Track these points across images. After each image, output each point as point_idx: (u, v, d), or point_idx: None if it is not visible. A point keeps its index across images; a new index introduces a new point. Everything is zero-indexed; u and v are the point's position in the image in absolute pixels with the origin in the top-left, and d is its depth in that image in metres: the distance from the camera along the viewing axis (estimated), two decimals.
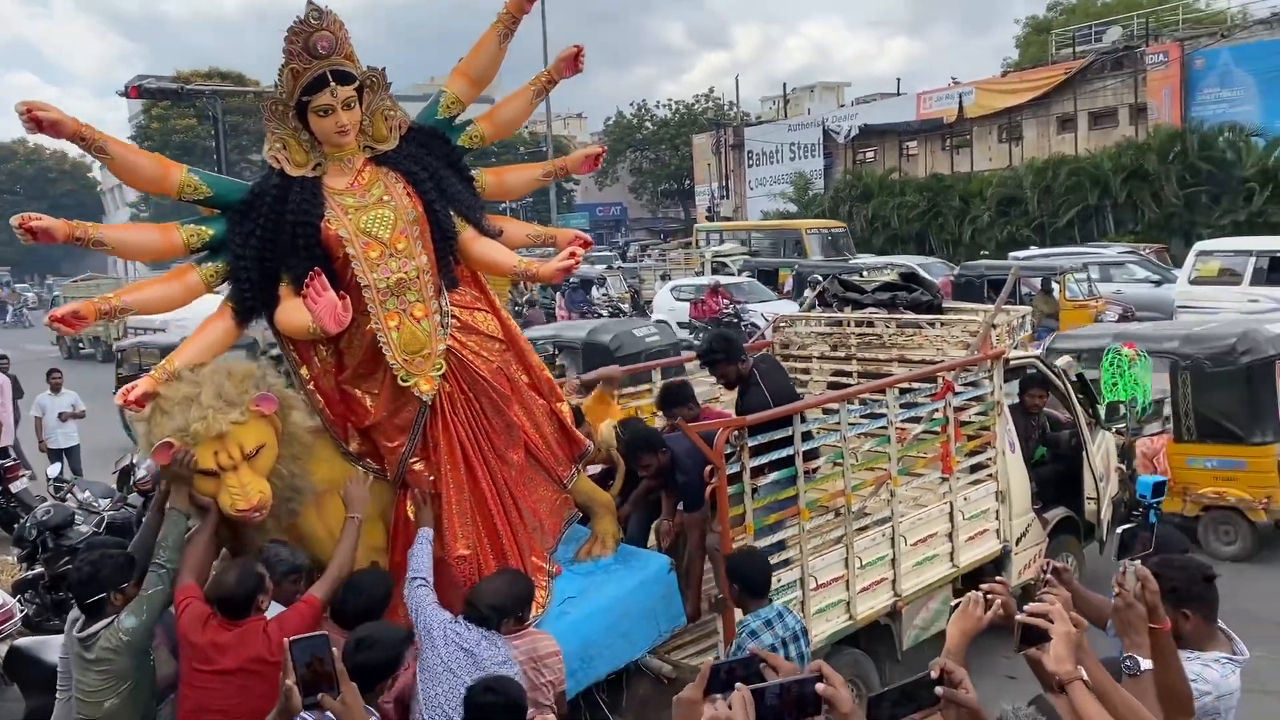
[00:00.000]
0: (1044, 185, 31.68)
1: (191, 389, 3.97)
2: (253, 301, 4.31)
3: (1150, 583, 2.86)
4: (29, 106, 3.74)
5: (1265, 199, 27.14)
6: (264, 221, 4.22)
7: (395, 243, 4.28)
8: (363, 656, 3.42)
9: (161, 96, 27.77)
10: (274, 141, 4.29)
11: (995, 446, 6.56)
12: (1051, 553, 7.17)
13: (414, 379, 4.29)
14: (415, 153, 4.48)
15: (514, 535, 4.55)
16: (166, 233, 4.23)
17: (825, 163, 42.50)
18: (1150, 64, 31.58)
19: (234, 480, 3.91)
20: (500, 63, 4.68)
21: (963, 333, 6.98)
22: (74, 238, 3.90)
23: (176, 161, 4.33)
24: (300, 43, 4.03)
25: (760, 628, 4.25)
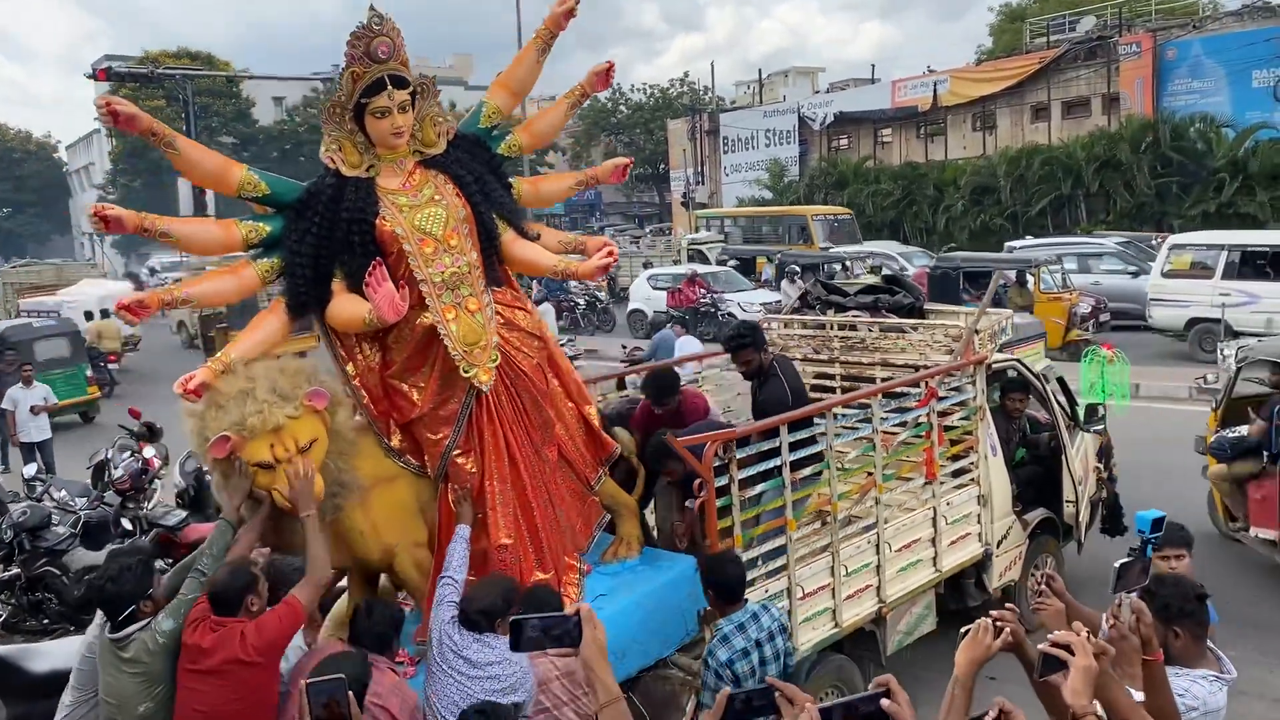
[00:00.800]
0: (1017, 174, 31.82)
1: (246, 384, 4.04)
2: (306, 297, 4.42)
3: (1144, 615, 2.90)
4: (108, 100, 3.86)
5: (1235, 190, 27.40)
6: (319, 219, 4.36)
7: (448, 239, 4.44)
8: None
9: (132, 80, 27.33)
10: (330, 143, 4.44)
11: (978, 451, 6.63)
12: (1031, 554, 7.27)
13: (474, 370, 4.44)
14: (461, 158, 4.65)
15: (550, 529, 4.68)
16: (227, 228, 4.35)
17: (800, 149, 42.47)
18: (1123, 54, 31.77)
19: (290, 473, 4.00)
20: (538, 75, 4.90)
21: (945, 336, 7.03)
22: (142, 228, 4.03)
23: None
24: (362, 47, 4.18)
25: (732, 632, 4.28)
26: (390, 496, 4.54)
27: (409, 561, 4.55)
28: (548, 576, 4.64)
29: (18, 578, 7.99)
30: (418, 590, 4.58)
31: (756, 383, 6.03)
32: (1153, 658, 2.92)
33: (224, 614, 3.72)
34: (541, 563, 4.66)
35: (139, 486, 8.67)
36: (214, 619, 3.71)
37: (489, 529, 4.54)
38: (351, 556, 4.47)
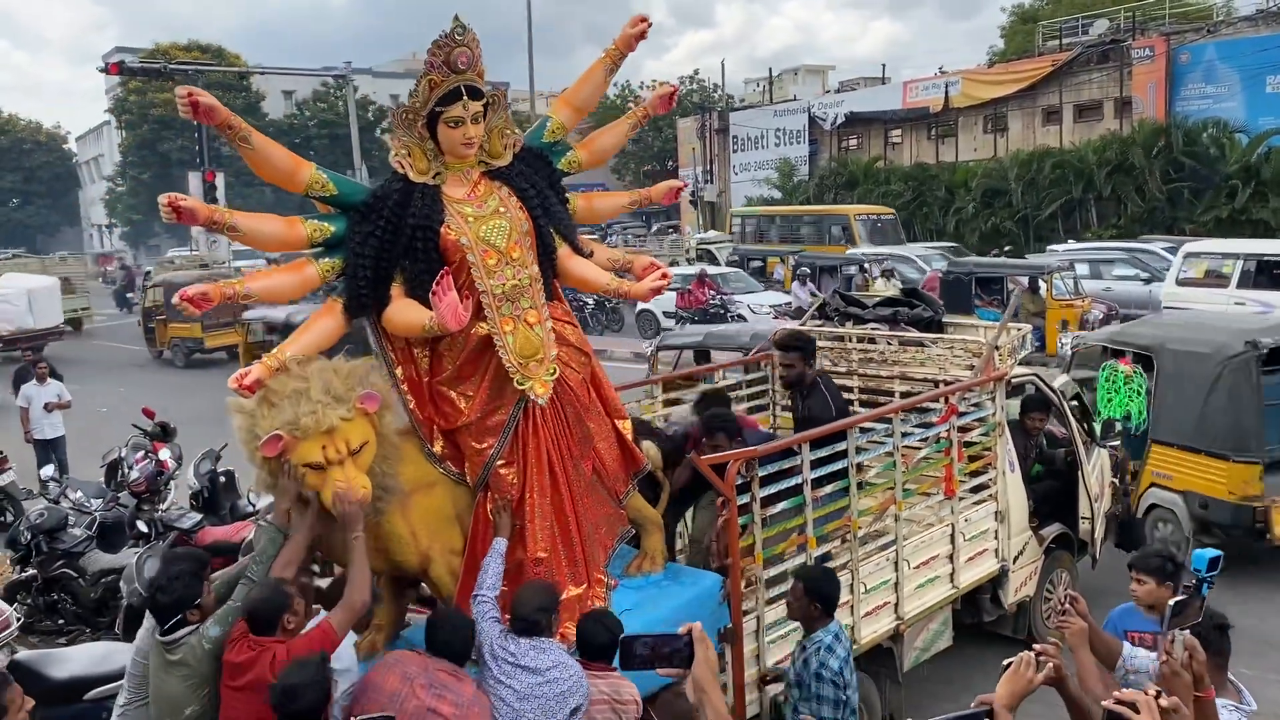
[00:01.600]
0: (1028, 177, 31.73)
1: (300, 383, 4.04)
2: (365, 298, 4.41)
3: (1198, 652, 2.93)
4: (190, 91, 3.86)
5: (1248, 196, 27.32)
6: (384, 223, 4.37)
7: (510, 251, 4.47)
8: (294, 706, 3.41)
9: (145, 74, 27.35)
10: (399, 148, 4.46)
11: (996, 467, 6.62)
12: (1047, 569, 7.27)
13: (529, 382, 4.46)
14: (524, 171, 4.68)
15: (584, 543, 4.72)
16: (292, 225, 4.35)
17: (810, 149, 42.41)
18: (1136, 58, 31.66)
19: (340, 475, 4.00)
20: (603, 93, 5.03)
21: (964, 351, 7.02)
22: (212, 221, 4.04)
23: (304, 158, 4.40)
24: (442, 56, 4.22)
25: (834, 641, 4.33)
26: (429, 502, 4.55)
27: (444, 568, 4.55)
28: (580, 590, 4.67)
29: (34, 579, 8.03)
30: (451, 598, 4.57)
31: (799, 396, 6.14)
32: (1205, 694, 2.94)
33: (261, 633, 3.75)
34: (575, 576, 4.68)
35: (154, 488, 8.69)
36: (252, 638, 3.74)
37: (526, 541, 4.56)
38: (387, 561, 4.47)
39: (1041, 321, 16.77)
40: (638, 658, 2.61)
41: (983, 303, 17.91)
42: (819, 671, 4.28)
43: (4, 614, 6.73)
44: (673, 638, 2.62)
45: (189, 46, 56.05)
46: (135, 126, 58.35)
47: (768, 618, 5.14)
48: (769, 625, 5.15)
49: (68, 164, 79.79)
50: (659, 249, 34.19)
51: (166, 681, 3.83)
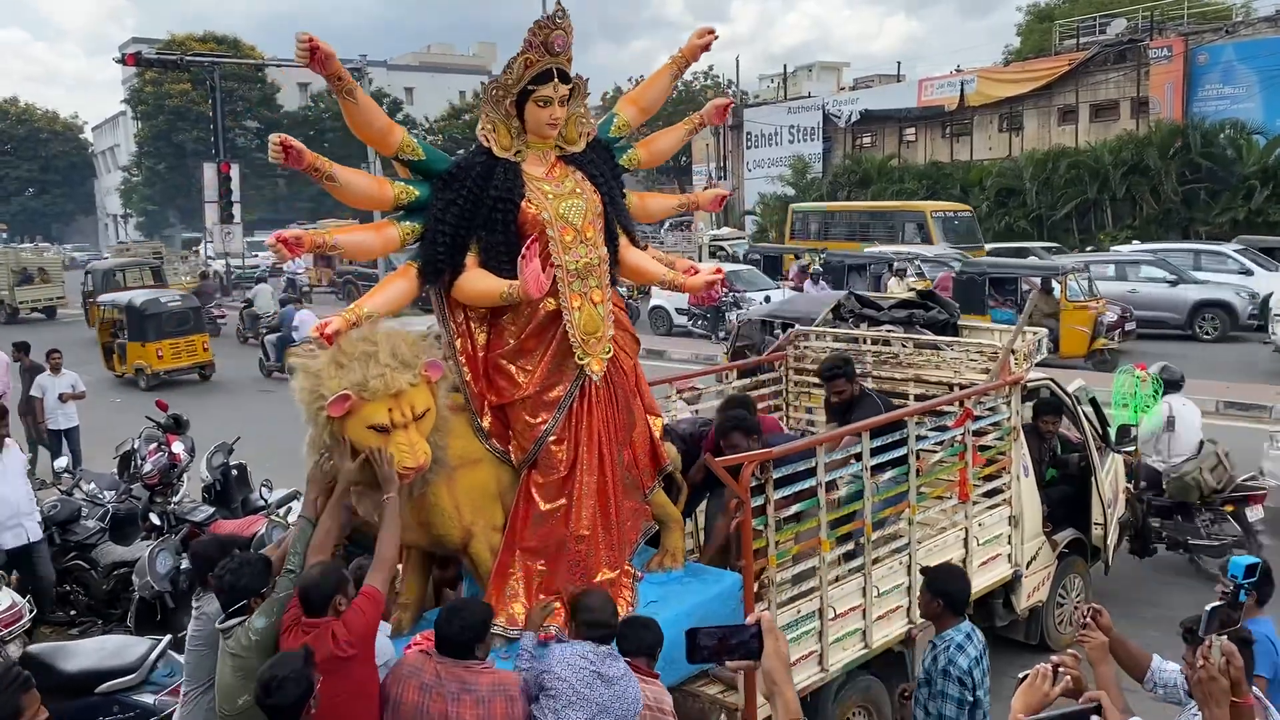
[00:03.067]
0: (1044, 177, 31.58)
1: (369, 346, 4.10)
2: (442, 264, 4.52)
3: (1235, 658, 2.93)
4: (310, 37, 3.95)
5: (1265, 198, 27.17)
6: (466, 193, 4.50)
7: (585, 230, 4.62)
8: (273, 700, 3.43)
9: (161, 66, 27.42)
10: (485, 122, 4.59)
11: (1010, 471, 6.59)
12: (1060, 575, 7.23)
13: (589, 358, 4.61)
14: (595, 159, 4.84)
15: (619, 527, 4.81)
16: (381, 186, 4.49)
17: (824, 146, 42.28)
18: (1153, 58, 31.47)
19: (403, 438, 4.09)
20: (667, 96, 5.25)
21: (979, 354, 6.98)
22: (314, 167, 4.12)
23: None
24: (541, 36, 4.36)
25: (964, 640, 4.32)
26: (474, 478, 4.60)
27: (484, 544, 4.60)
28: (614, 575, 4.75)
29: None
30: (489, 575, 4.63)
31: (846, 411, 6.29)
32: (1243, 700, 2.93)
33: (313, 613, 3.82)
34: (610, 560, 4.76)
35: (167, 481, 8.71)
36: (305, 622, 3.82)
37: (570, 518, 4.63)
38: (429, 535, 4.54)
39: (1055, 324, 16.67)
40: (704, 649, 2.51)
41: (996, 303, 17.84)
42: (946, 669, 4.28)
43: (17, 606, 6.76)
44: (741, 629, 2.52)
45: (205, 38, 56.25)
46: (151, 117, 58.58)
47: (781, 620, 5.11)
48: (782, 628, 5.12)
49: (83, 154, 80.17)
50: (671, 245, 34.02)
51: (223, 670, 3.96)
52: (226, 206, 31.78)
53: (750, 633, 2.49)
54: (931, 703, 4.37)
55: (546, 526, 4.63)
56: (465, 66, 74.16)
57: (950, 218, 28.36)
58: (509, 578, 4.61)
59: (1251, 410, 14.14)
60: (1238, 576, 3.28)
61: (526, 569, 4.63)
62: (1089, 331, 16.77)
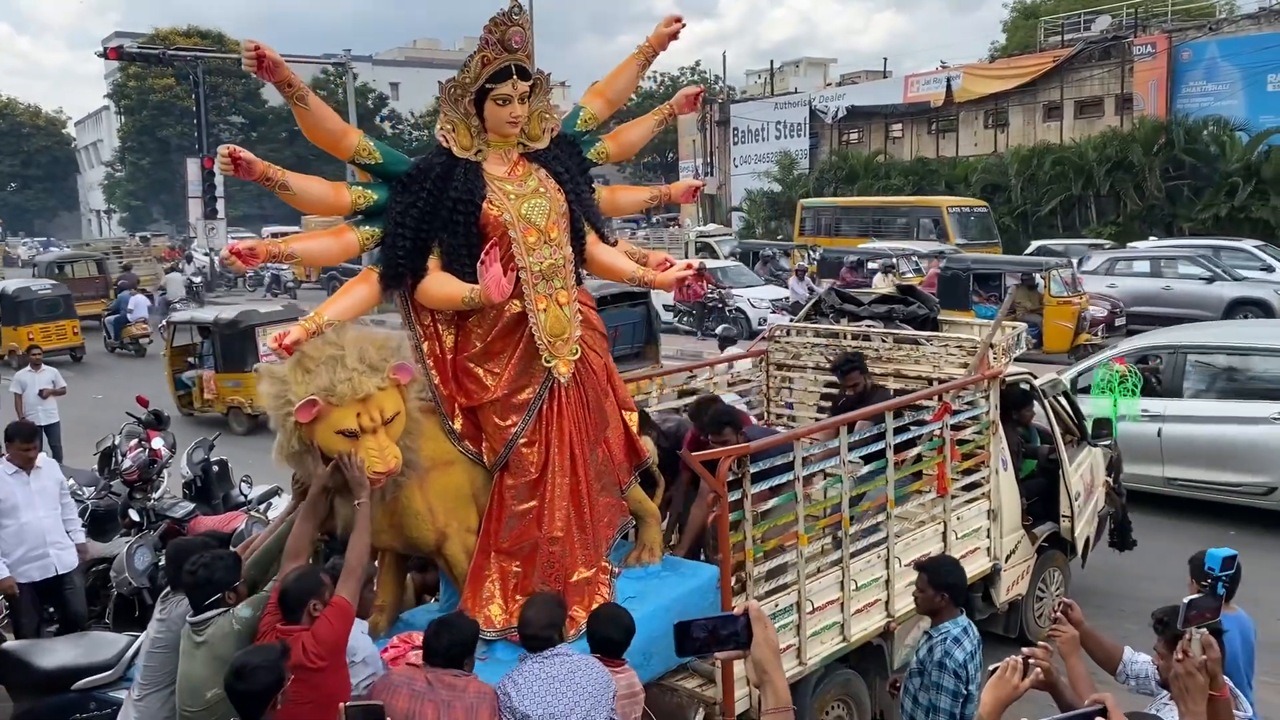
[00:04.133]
0: (1029, 173, 31.65)
1: (335, 350, 4.10)
2: (402, 268, 4.47)
3: (1213, 651, 2.92)
4: (257, 45, 3.96)
5: (1247, 194, 27.31)
6: (426, 195, 4.44)
7: (549, 231, 4.57)
8: (243, 686, 3.42)
9: (143, 60, 27.26)
10: (444, 122, 4.54)
11: (989, 465, 6.61)
12: (1039, 569, 7.26)
13: (555, 360, 4.57)
14: (560, 155, 4.78)
15: (594, 525, 4.77)
16: (338, 191, 4.43)
17: (811, 142, 42.29)
18: (1138, 55, 31.57)
19: (373, 443, 4.08)
20: (635, 88, 5.25)
21: (959, 349, 7.00)
22: (266, 177, 4.10)
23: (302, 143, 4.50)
24: (498, 34, 4.31)
25: (960, 634, 4.33)
26: (447, 480, 4.58)
27: (459, 546, 4.59)
28: (590, 573, 4.73)
29: None
30: (464, 577, 4.62)
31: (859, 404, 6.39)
32: (1219, 693, 2.93)
33: (289, 616, 3.83)
34: (586, 559, 4.74)
35: (147, 477, 8.66)
36: (280, 628, 3.81)
37: (543, 520, 4.61)
38: (403, 538, 4.52)
39: (1039, 319, 16.74)
40: (695, 641, 2.50)
41: (980, 299, 17.84)
42: (942, 661, 4.29)
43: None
44: (731, 619, 2.51)
45: (189, 32, 55.92)
46: (134, 112, 58.26)
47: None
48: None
49: (66, 149, 79.65)
50: (658, 242, 33.99)
51: (191, 664, 3.90)
52: (210, 202, 31.68)
53: (740, 623, 2.49)
54: (923, 693, 4.38)
55: (520, 528, 4.60)
56: (451, 62, 73.67)
57: (966, 213, 28.11)
58: (484, 580, 4.58)
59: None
60: (1215, 569, 3.29)
61: (502, 570, 4.61)
62: (1072, 326, 16.82)
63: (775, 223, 39.85)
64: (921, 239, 26.79)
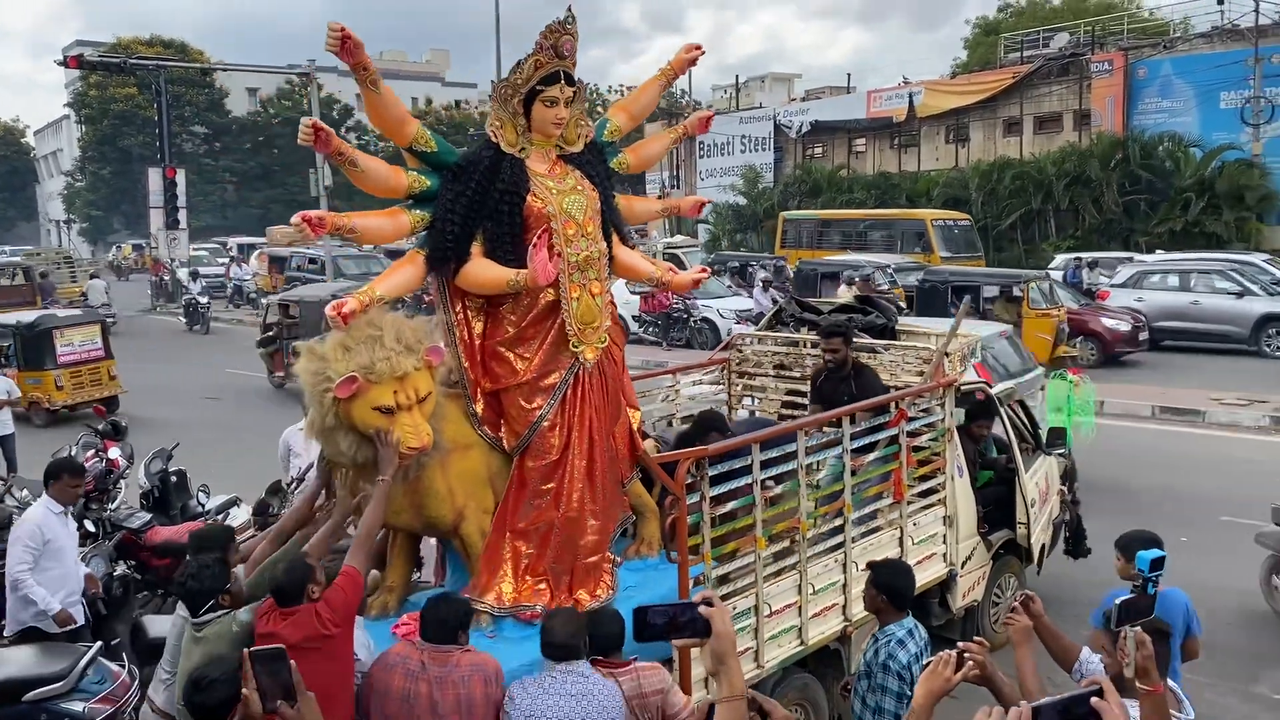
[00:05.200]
0: (989, 187, 32.13)
1: (373, 330, 4.28)
2: (449, 252, 4.71)
3: (1146, 647, 2.99)
4: (342, 26, 4.16)
5: (1200, 209, 27.88)
6: (475, 185, 4.71)
7: (586, 225, 4.88)
8: (200, 698, 3.43)
9: (104, 68, 26.99)
10: (494, 119, 4.82)
11: (945, 472, 6.70)
12: (995, 575, 7.36)
13: (583, 346, 4.84)
14: (592, 160, 5.11)
15: (604, 513, 4.97)
16: (396, 174, 4.66)
17: (776, 156, 42.67)
18: (1095, 71, 32.18)
19: (408, 419, 4.29)
20: (656, 104, 5.65)
21: (916, 358, 7.10)
22: (339, 151, 4.31)
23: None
24: (551, 40, 4.60)
25: (905, 636, 4.36)
26: (467, 462, 4.79)
27: (475, 526, 4.79)
28: (597, 559, 4.93)
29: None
30: (478, 556, 4.82)
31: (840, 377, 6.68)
32: (1154, 689, 2.99)
33: (287, 605, 3.92)
34: (595, 543, 4.93)
35: (103, 487, 8.56)
36: (282, 610, 3.92)
37: (561, 500, 4.82)
38: (422, 517, 4.70)
39: (1016, 331, 16.66)
40: (652, 627, 2.51)
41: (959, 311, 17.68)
42: (886, 663, 4.32)
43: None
44: (689, 606, 2.51)
45: (151, 41, 55.43)
46: (95, 121, 57.61)
47: None
48: None
49: (25, 158, 78.57)
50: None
51: (189, 661, 4.00)
52: (172, 212, 31.34)
53: (698, 611, 2.51)
54: (870, 695, 4.42)
55: (537, 509, 4.80)
56: (417, 74, 73.73)
57: (950, 226, 28.11)
58: (498, 559, 4.80)
59: None
60: (1144, 570, 3.37)
61: (515, 551, 4.82)
62: (1050, 339, 16.36)
63: (741, 235, 40.09)
64: (905, 251, 26.75)
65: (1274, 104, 28.09)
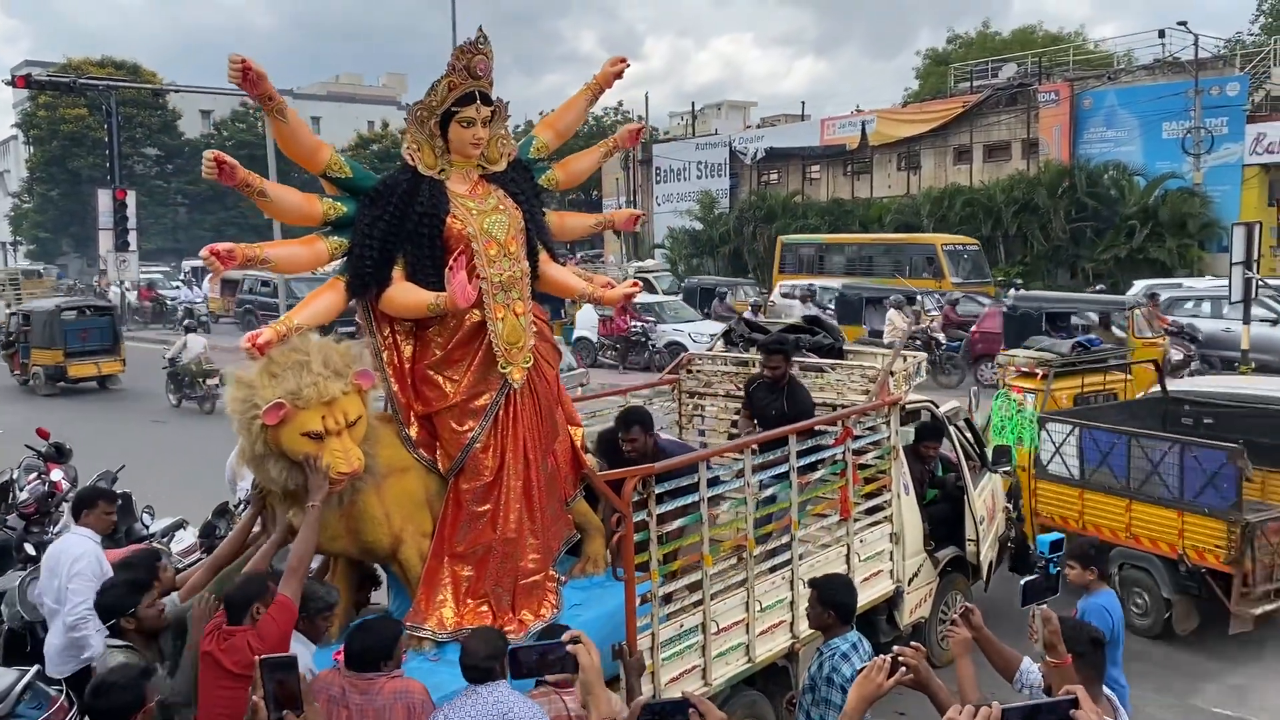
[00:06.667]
0: (940, 214, 32.64)
1: (301, 356, 4.27)
2: (368, 278, 4.69)
3: (1051, 622, 3.11)
4: (243, 59, 4.13)
5: (1144, 236, 28.51)
6: (392, 209, 4.69)
7: (509, 245, 4.88)
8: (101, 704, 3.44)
9: (53, 88, 26.63)
10: (410, 142, 4.81)
11: (891, 489, 6.78)
12: (941, 592, 7.45)
13: (510, 367, 4.82)
14: (516, 178, 5.11)
15: (544, 531, 4.97)
16: (310, 202, 4.64)
17: (731, 182, 43.08)
18: (1042, 101, 32.90)
19: (338, 444, 4.26)
20: (582, 122, 5.65)
21: (862, 377, 7.20)
22: (246, 183, 4.26)
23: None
24: (464, 61, 4.62)
25: (849, 650, 4.38)
26: (403, 486, 4.76)
27: (414, 550, 4.77)
28: (539, 577, 4.92)
29: None
30: (418, 580, 4.78)
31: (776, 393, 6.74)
32: (1061, 661, 3.09)
33: (233, 619, 3.96)
34: (536, 562, 4.93)
35: (45, 510, 8.41)
36: (224, 629, 3.95)
37: (498, 521, 4.81)
38: (359, 543, 4.67)
39: None
40: (525, 665, 2.70)
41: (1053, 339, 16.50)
42: (830, 676, 4.34)
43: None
44: (557, 646, 2.74)
45: (103, 62, 54.72)
46: (44, 142, 56.70)
47: (664, 634, 5.17)
48: (665, 642, 5.18)
49: None
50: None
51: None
52: (122, 234, 30.92)
53: (565, 649, 2.70)
54: (815, 709, 4.45)
55: (474, 532, 4.78)
56: (373, 97, 73.55)
57: (959, 251, 27.34)
58: (438, 583, 4.77)
59: None
60: (1044, 552, 3.55)
61: (455, 574, 4.81)
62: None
63: (697, 260, 40.33)
64: (914, 277, 26.04)
65: (1213, 134, 28.88)
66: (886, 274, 26.92)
